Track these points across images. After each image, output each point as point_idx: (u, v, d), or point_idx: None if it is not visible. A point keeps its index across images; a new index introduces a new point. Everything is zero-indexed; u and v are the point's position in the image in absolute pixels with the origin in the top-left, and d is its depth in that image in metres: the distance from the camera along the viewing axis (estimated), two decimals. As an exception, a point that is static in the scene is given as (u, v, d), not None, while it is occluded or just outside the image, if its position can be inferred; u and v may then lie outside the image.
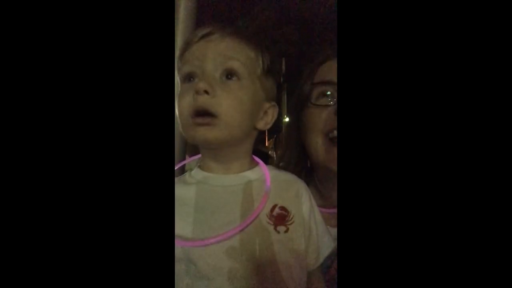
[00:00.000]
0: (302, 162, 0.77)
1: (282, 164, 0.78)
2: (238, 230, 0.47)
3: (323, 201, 0.73)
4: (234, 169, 0.53)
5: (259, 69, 0.52)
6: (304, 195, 0.54)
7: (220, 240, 0.46)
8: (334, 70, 0.68)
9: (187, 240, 0.47)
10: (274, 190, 0.52)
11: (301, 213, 0.52)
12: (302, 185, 0.56)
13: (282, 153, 0.81)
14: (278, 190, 0.52)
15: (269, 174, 0.54)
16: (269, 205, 0.50)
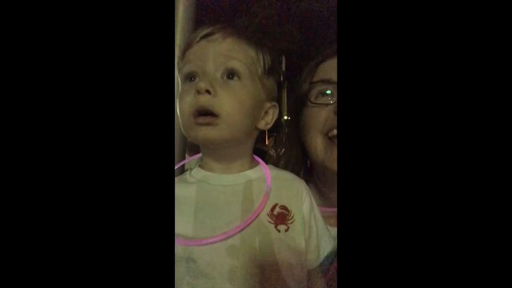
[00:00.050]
0: (302, 161, 0.77)
1: (282, 163, 0.78)
2: (238, 229, 0.47)
3: (323, 200, 0.73)
4: (235, 168, 0.54)
5: (260, 69, 0.52)
6: (304, 194, 0.54)
7: (220, 239, 0.46)
8: (333, 69, 0.68)
9: (188, 239, 0.47)
10: (274, 190, 0.52)
11: (301, 212, 0.52)
12: (302, 184, 0.56)
13: (281, 152, 0.81)
14: (278, 190, 0.53)
15: (269, 174, 0.54)
16: (269, 204, 0.51)
